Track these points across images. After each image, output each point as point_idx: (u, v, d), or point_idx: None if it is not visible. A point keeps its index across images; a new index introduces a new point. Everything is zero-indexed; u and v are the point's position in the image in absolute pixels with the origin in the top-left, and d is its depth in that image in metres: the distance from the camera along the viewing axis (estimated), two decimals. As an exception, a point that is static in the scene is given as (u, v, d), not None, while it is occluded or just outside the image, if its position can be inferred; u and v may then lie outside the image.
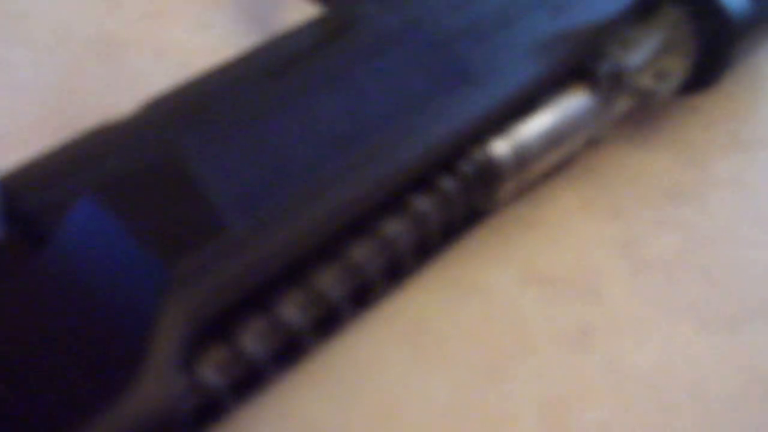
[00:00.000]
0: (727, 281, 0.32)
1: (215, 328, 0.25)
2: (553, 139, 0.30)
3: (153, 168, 0.24)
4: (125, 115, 0.25)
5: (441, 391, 0.29)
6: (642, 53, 0.31)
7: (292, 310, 0.26)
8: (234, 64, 0.27)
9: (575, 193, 0.34)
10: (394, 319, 0.30)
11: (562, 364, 0.30)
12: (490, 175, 0.29)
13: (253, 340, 0.25)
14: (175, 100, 0.26)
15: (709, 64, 0.33)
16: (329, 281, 0.26)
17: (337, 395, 0.28)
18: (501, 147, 0.29)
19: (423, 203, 0.28)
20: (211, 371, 0.25)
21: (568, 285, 0.31)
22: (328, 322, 0.27)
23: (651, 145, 0.35)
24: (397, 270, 0.28)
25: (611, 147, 0.35)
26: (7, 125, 0.35)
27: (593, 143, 0.32)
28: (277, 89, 0.26)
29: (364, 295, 0.28)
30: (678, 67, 0.32)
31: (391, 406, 0.28)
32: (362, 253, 0.27)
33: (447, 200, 0.28)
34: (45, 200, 0.23)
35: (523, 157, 0.29)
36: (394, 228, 0.28)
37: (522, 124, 0.29)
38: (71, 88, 0.36)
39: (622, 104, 0.32)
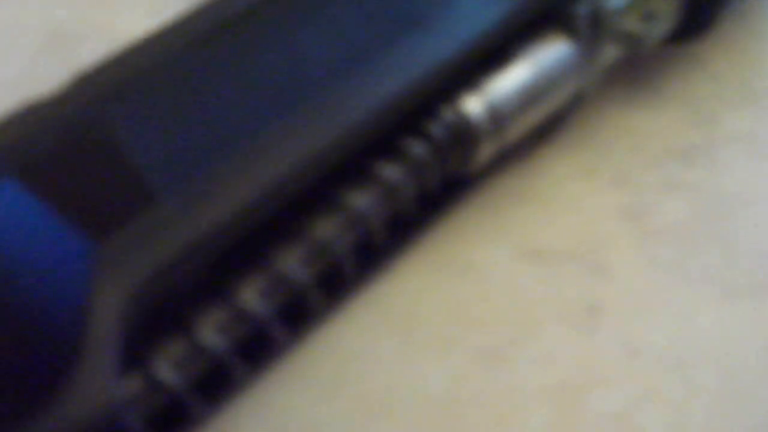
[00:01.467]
0: (746, 245, 0.29)
1: (170, 319, 0.22)
2: (532, 93, 0.27)
3: (78, 144, 0.22)
4: (51, 92, 0.23)
5: (436, 380, 0.26)
6: (624, -8, 0.28)
7: (252, 296, 0.23)
8: (166, 31, 0.25)
9: (572, 161, 0.30)
10: (381, 305, 0.27)
11: (569, 347, 0.26)
12: (464, 135, 0.26)
13: (212, 331, 0.22)
14: (103, 73, 0.23)
15: (702, 3, 0.30)
16: (292, 263, 0.23)
17: (323, 388, 0.26)
18: (472, 104, 0.26)
19: (391, 170, 0.25)
20: (166, 369, 0.21)
21: (570, 259, 0.28)
22: (299, 311, 0.24)
23: (654, 103, 0.32)
24: (372, 249, 0.25)
25: (610, 108, 0.32)
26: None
27: (580, 99, 0.29)
28: (211, 53, 0.24)
29: (337, 278, 0.24)
30: (667, 8, 0.29)
31: (382, 399, 0.25)
32: (327, 229, 0.24)
33: (418, 166, 0.25)
34: None
35: (499, 115, 0.26)
36: (361, 200, 0.24)
37: (494, 78, 0.26)
38: (25, 86, 0.34)
39: (609, 53, 0.29)
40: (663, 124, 0.31)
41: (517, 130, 0.27)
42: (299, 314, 0.24)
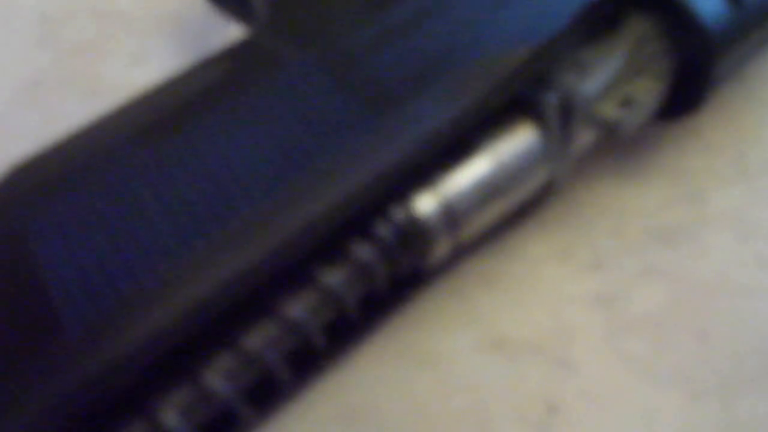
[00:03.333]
0: (719, 340, 0.27)
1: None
2: (493, 189, 0.25)
3: None
4: None
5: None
6: (599, 77, 0.26)
7: (173, 414, 0.22)
8: (109, 120, 0.24)
9: (547, 241, 0.29)
10: (331, 398, 0.26)
11: (521, 450, 0.25)
12: (415, 237, 0.24)
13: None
14: (31, 169, 0.23)
15: (687, 85, 0.28)
16: (219, 377, 0.22)
17: None
18: (425, 202, 0.24)
19: (332, 275, 0.24)
20: None
21: (535, 351, 0.27)
22: (225, 426, 0.23)
23: (640, 177, 0.31)
24: (307, 357, 0.24)
25: (593, 181, 0.30)
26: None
27: (553, 186, 0.27)
28: (143, 153, 0.23)
29: (268, 388, 0.24)
30: (649, 92, 0.27)
31: None
32: (258, 341, 0.23)
33: (363, 270, 0.24)
34: None
35: (456, 214, 0.25)
36: (299, 309, 0.23)
37: (450, 173, 0.25)
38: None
39: (583, 138, 0.27)
40: (649, 201, 0.30)
41: (475, 227, 0.26)
42: (226, 423, 0.23)
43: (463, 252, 0.27)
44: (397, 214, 0.24)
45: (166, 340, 0.21)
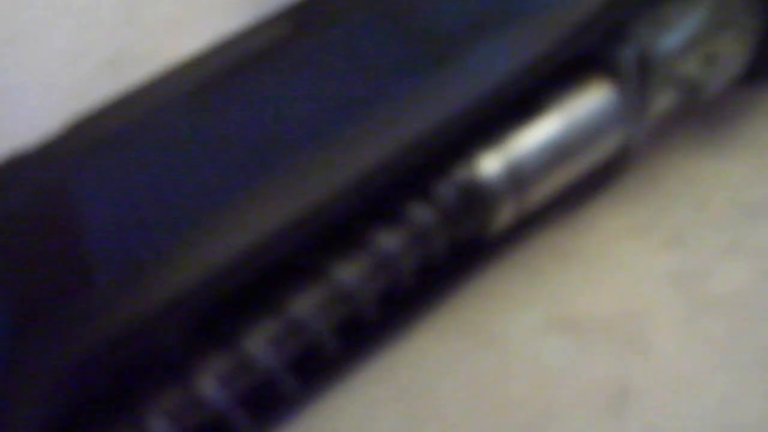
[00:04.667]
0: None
1: (118, 404, 0.20)
2: (563, 150, 0.23)
3: (28, 209, 0.20)
4: (35, 143, 0.22)
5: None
6: (681, 32, 0.24)
7: (211, 383, 0.20)
8: (161, 79, 0.23)
9: (625, 216, 0.27)
10: (388, 377, 0.25)
11: (591, 436, 0.24)
12: (478, 200, 0.23)
13: (165, 418, 0.20)
14: (81, 129, 0.22)
15: None
16: (262, 345, 0.21)
17: None
18: (490, 163, 0.23)
19: (388, 239, 0.22)
20: None
21: (606, 332, 0.25)
22: (267, 399, 0.22)
23: (726, 152, 0.28)
24: (359, 329, 0.23)
25: (672, 155, 0.28)
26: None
27: (629, 152, 0.25)
28: (196, 109, 0.22)
29: (316, 360, 0.22)
30: (734, 50, 0.25)
31: None
32: (305, 306, 0.21)
33: (421, 234, 0.22)
34: None
35: (522, 176, 0.23)
36: (350, 273, 0.22)
37: (518, 132, 0.23)
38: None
39: (663, 100, 0.25)
40: (734, 177, 0.28)
41: (542, 191, 0.24)
42: (270, 396, 0.22)
43: (532, 223, 0.25)
44: (459, 174, 0.23)
45: (204, 298, 0.19)
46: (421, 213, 0.22)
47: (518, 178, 0.23)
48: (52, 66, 0.34)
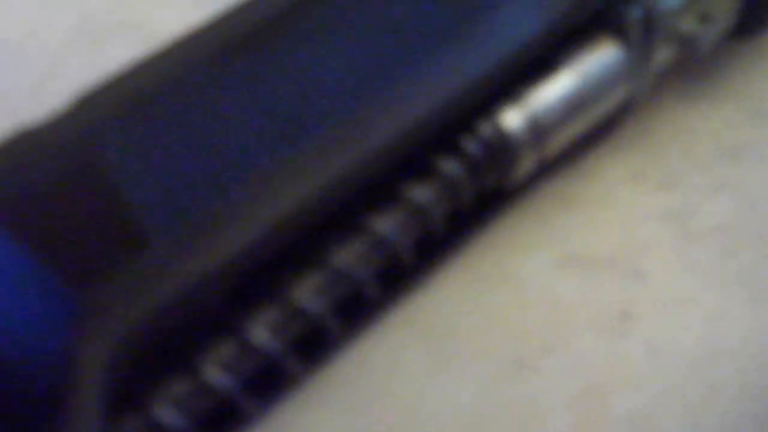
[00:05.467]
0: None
1: (173, 359, 0.21)
2: (577, 103, 0.26)
3: (69, 176, 0.20)
4: (47, 117, 0.21)
5: (464, 392, 0.26)
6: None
7: (264, 330, 0.22)
8: (177, 45, 0.23)
9: (621, 164, 0.31)
10: (413, 318, 0.27)
11: (599, 352, 0.27)
12: (502, 152, 0.25)
13: (219, 370, 0.21)
14: (105, 92, 0.22)
15: (760, 5, 0.28)
16: (308, 294, 0.23)
17: (351, 406, 0.26)
18: (512, 117, 0.25)
19: (421, 191, 0.24)
20: (169, 410, 0.21)
21: (610, 265, 0.29)
22: (315, 343, 0.23)
23: (708, 100, 0.31)
24: (400, 270, 0.25)
25: (664, 106, 0.31)
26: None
27: (632, 104, 0.28)
28: (224, 71, 0.22)
29: (359, 304, 0.24)
30: (725, 7, 0.28)
31: (411, 414, 0.26)
32: (347, 257, 0.23)
33: (452, 185, 0.24)
34: None
35: (542, 128, 0.25)
36: (387, 225, 0.24)
37: (536, 88, 0.25)
38: (51, 87, 0.33)
39: (662, 55, 0.28)
40: (717, 122, 0.31)
41: (559, 142, 0.26)
42: (316, 343, 0.23)
43: (541, 173, 0.28)
44: (485, 129, 0.25)
45: (255, 255, 0.21)
46: (451, 166, 0.24)
47: (538, 130, 0.25)
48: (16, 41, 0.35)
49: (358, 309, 0.24)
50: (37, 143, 0.20)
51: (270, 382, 0.23)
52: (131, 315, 0.19)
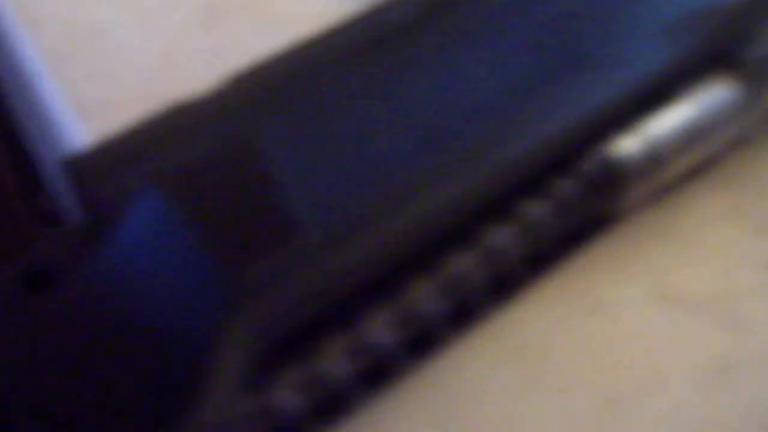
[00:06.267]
0: None
1: (293, 345, 0.22)
2: (691, 137, 0.26)
3: (225, 156, 0.22)
4: (204, 93, 0.23)
5: (553, 419, 0.25)
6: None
7: (380, 328, 0.23)
8: (326, 37, 0.24)
9: (720, 200, 0.29)
10: (505, 336, 0.26)
11: (694, 404, 0.25)
12: (615, 178, 0.25)
13: (335, 360, 0.22)
14: (258, 76, 0.23)
15: None
16: (424, 297, 0.23)
17: (436, 413, 0.25)
18: (628, 145, 0.25)
19: (535, 210, 0.24)
20: (287, 394, 0.21)
21: (706, 308, 0.27)
22: (424, 342, 0.24)
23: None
24: (505, 285, 0.25)
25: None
26: (108, 90, 0.33)
27: (740, 143, 0.27)
28: (369, 70, 0.23)
29: (466, 311, 0.24)
30: None
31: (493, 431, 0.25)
32: (463, 264, 0.23)
33: (564, 207, 0.24)
34: (112, 187, 0.21)
35: (655, 158, 0.25)
36: (501, 237, 0.24)
37: (654, 119, 0.25)
38: (174, 56, 0.34)
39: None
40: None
41: (672, 172, 0.26)
42: (425, 344, 0.24)
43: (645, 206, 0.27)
44: (601, 154, 0.25)
45: (396, 254, 0.21)
46: (566, 188, 0.25)
47: (654, 158, 0.25)
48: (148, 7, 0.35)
49: (465, 317, 0.25)
50: (194, 120, 0.22)
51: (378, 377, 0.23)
52: (280, 301, 0.20)
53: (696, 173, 0.28)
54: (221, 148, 0.22)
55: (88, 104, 0.32)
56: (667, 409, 0.25)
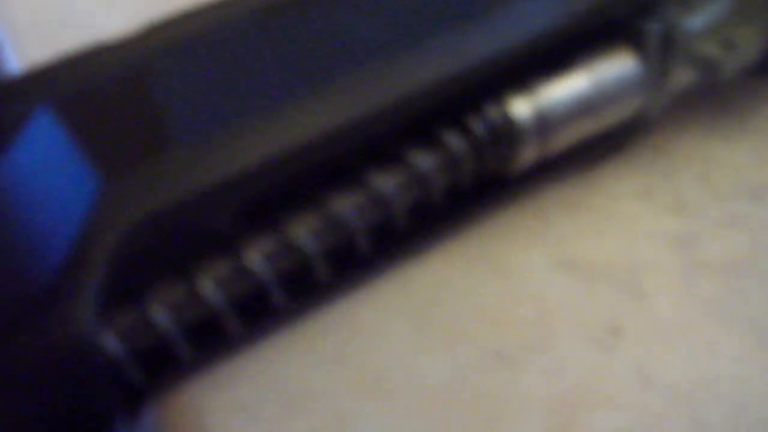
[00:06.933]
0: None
1: (176, 263, 0.23)
2: (586, 106, 0.26)
3: (118, 84, 0.23)
4: (118, 38, 0.25)
5: (440, 369, 0.26)
6: (704, 15, 0.27)
7: (257, 257, 0.23)
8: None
9: (635, 180, 0.30)
10: (403, 288, 0.27)
11: (582, 363, 0.26)
12: (506, 137, 0.26)
13: (212, 283, 0.23)
14: (169, 25, 0.25)
15: None
16: (303, 231, 0.24)
17: (326, 356, 0.26)
18: (520, 105, 0.26)
19: (421, 159, 0.25)
20: (162, 311, 0.22)
21: (605, 276, 0.28)
22: (305, 279, 0.25)
23: (733, 135, 0.31)
24: (394, 232, 0.26)
25: (685, 133, 0.31)
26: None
27: (646, 120, 0.28)
28: (264, 24, 0.25)
29: (350, 254, 0.25)
30: (752, 41, 0.28)
31: (382, 378, 0.26)
32: (344, 205, 0.24)
33: (453, 159, 0.25)
34: (14, 110, 0.23)
35: (547, 123, 0.26)
36: (386, 183, 0.25)
37: (548, 83, 0.26)
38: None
39: (681, 76, 0.28)
40: (740, 159, 0.30)
41: (564, 139, 0.27)
42: (304, 282, 0.24)
43: (546, 177, 0.28)
44: (492, 111, 0.26)
45: (263, 178, 0.22)
46: (455, 140, 0.25)
47: (544, 122, 0.26)
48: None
49: (349, 262, 0.25)
50: (105, 56, 0.24)
51: (258, 312, 0.24)
52: (147, 207, 0.21)
53: (606, 151, 0.29)
54: (121, 79, 0.23)
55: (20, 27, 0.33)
56: (554, 363, 0.26)
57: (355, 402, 0.25)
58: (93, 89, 0.23)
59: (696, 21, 0.27)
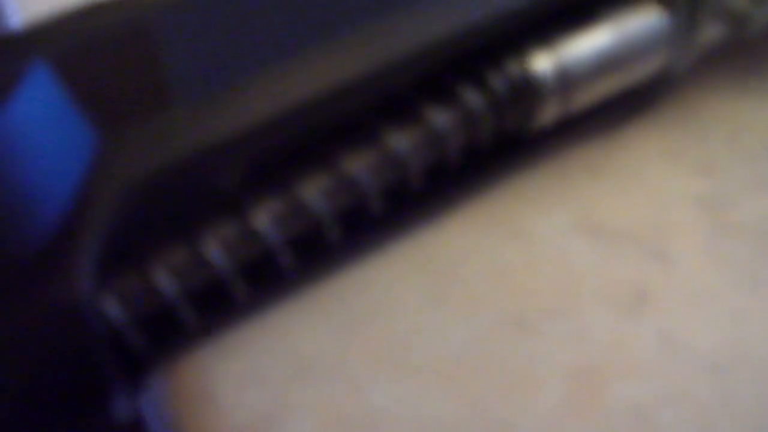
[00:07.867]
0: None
1: (180, 229, 0.22)
2: (610, 61, 0.25)
3: (118, 40, 0.22)
4: None
5: (459, 337, 0.25)
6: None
7: (264, 219, 0.22)
8: None
9: (660, 141, 0.29)
10: (420, 254, 0.26)
11: (607, 329, 0.25)
12: (526, 93, 0.24)
13: (218, 246, 0.22)
14: None
15: None
16: (313, 191, 0.23)
17: (343, 323, 0.25)
18: (542, 61, 0.24)
19: (439, 116, 0.24)
20: (164, 274, 0.21)
21: (630, 241, 0.27)
22: (314, 243, 0.23)
23: (765, 94, 0.30)
24: (409, 193, 0.24)
25: (713, 92, 0.30)
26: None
27: (673, 77, 0.27)
28: None
29: (361, 218, 0.24)
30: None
31: (398, 345, 0.25)
32: (356, 164, 0.23)
33: (471, 116, 0.24)
34: (13, 66, 0.22)
35: (569, 78, 0.25)
36: (401, 140, 0.23)
37: (570, 37, 0.25)
38: None
39: (710, 31, 0.26)
40: (766, 118, 0.29)
41: (587, 96, 0.25)
42: (315, 246, 0.23)
43: (569, 137, 0.27)
44: (512, 66, 0.24)
45: (267, 137, 0.21)
46: (473, 97, 0.24)
47: (566, 78, 0.25)
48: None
49: (362, 225, 0.24)
50: (106, 12, 0.23)
51: (267, 277, 0.23)
52: (148, 165, 0.20)
53: (631, 110, 0.28)
54: (116, 34, 0.22)
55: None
56: (577, 331, 0.25)
57: (369, 370, 0.24)
58: (93, 45, 0.22)
59: (725, -28, 0.26)
